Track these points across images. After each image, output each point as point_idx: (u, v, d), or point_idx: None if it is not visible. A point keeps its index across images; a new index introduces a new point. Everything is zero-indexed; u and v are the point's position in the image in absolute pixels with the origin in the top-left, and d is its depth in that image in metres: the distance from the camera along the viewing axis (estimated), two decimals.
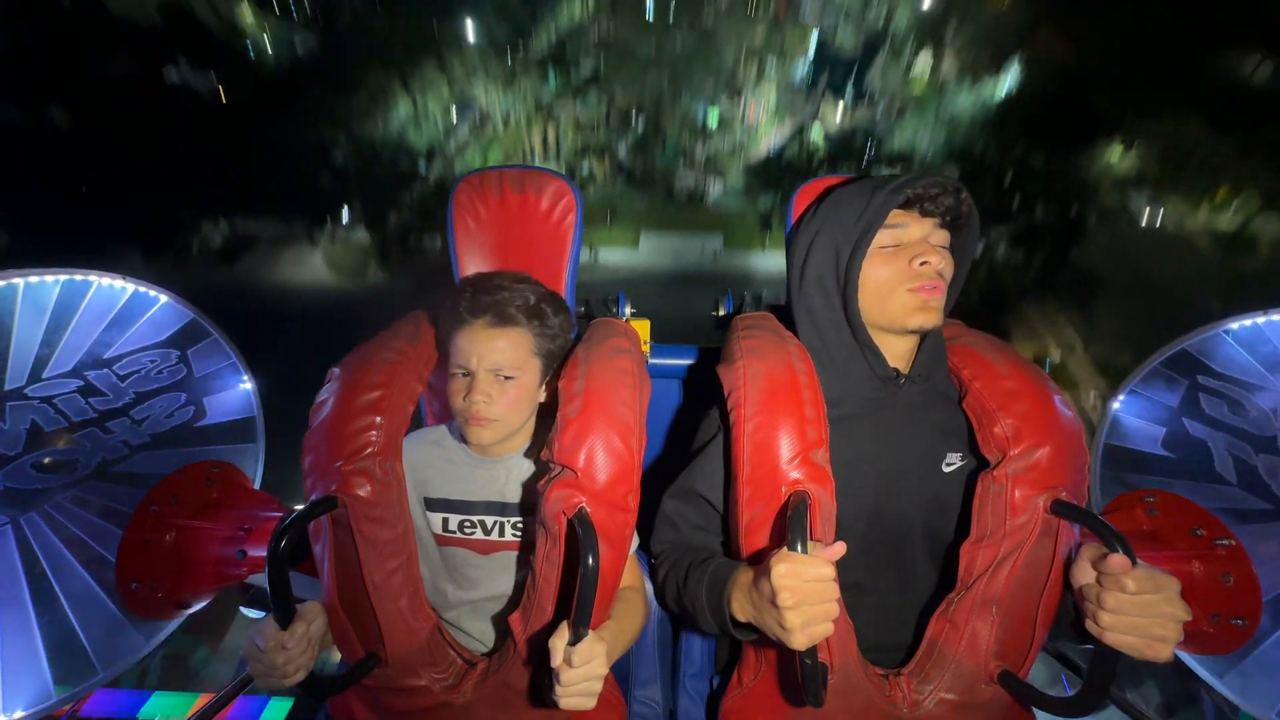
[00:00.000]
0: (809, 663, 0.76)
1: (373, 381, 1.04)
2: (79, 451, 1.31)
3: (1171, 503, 1.18)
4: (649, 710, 1.24)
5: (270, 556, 0.83)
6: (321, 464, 0.98)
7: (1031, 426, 0.95)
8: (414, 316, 1.23)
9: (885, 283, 1.01)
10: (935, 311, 1.01)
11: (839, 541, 0.80)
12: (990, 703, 0.95)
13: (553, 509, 0.91)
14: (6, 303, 1.33)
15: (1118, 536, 0.79)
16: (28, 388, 1.31)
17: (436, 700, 1.02)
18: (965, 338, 1.14)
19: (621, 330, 1.17)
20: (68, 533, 1.23)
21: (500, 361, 1.03)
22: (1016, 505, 0.92)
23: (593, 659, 0.81)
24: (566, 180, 1.40)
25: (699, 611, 0.95)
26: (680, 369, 1.62)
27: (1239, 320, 1.50)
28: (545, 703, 1.00)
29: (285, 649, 0.85)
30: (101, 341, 1.43)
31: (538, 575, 0.96)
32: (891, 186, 0.99)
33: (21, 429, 1.27)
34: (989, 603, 0.93)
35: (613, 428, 0.95)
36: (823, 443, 0.94)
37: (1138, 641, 0.77)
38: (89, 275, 1.45)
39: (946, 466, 1.05)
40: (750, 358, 1.02)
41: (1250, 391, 1.41)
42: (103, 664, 1.18)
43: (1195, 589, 1.07)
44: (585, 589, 0.82)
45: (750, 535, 0.95)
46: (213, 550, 1.18)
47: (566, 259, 1.39)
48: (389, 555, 0.99)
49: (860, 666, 0.95)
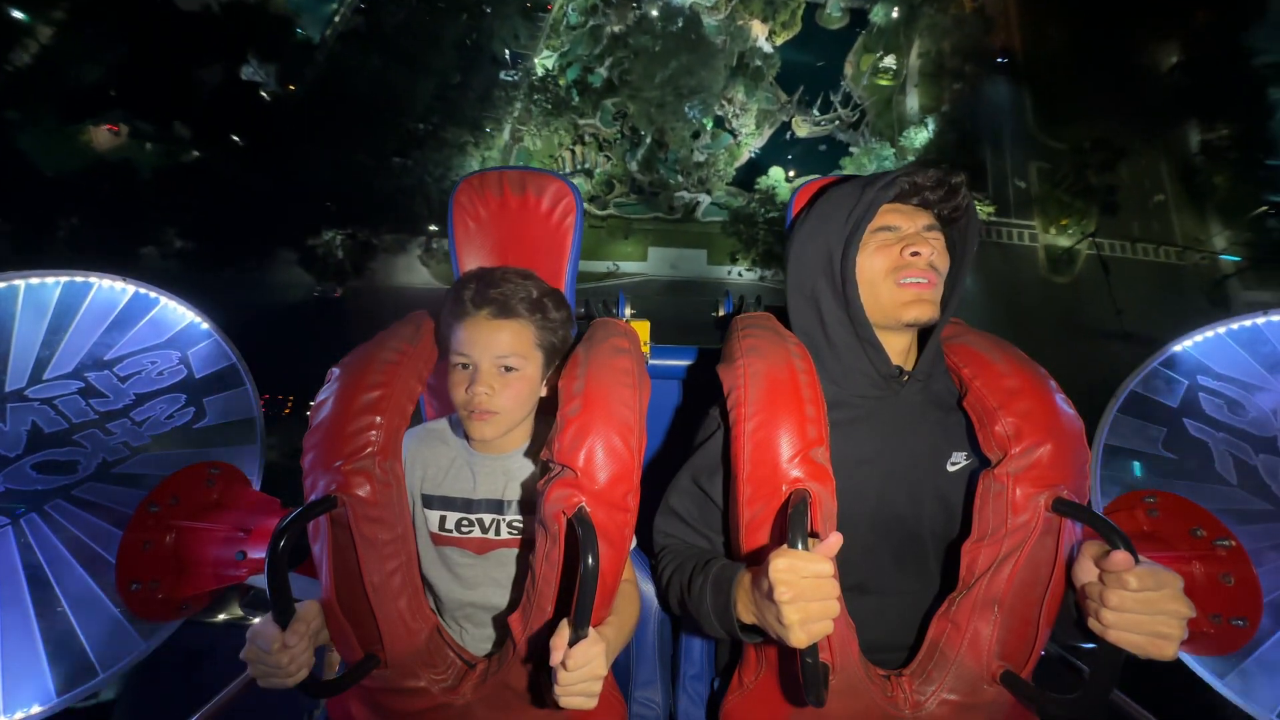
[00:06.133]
0: (810, 662, 0.76)
1: (373, 381, 1.04)
2: (79, 452, 1.31)
3: (1172, 503, 1.17)
4: (649, 711, 1.24)
5: (270, 556, 0.83)
6: (321, 463, 0.98)
7: (1032, 425, 0.94)
8: (414, 317, 1.23)
9: (877, 273, 1.02)
10: (929, 304, 1.01)
11: (836, 533, 0.80)
12: (992, 703, 0.95)
13: (552, 508, 0.91)
14: (7, 304, 1.33)
15: (1119, 534, 0.79)
16: (28, 389, 1.31)
17: (436, 701, 1.02)
18: (965, 337, 1.14)
19: (621, 330, 1.17)
20: (68, 533, 1.23)
21: (503, 351, 1.03)
22: (1018, 504, 0.91)
23: (592, 659, 0.81)
24: (566, 181, 1.41)
25: (703, 616, 0.95)
26: (680, 369, 1.62)
27: (1239, 321, 1.50)
28: (545, 703, 1.00)
29: (288, 648, 0.85)
30: (102, 343, 1.43)
31: (537, 575, 0.96)
32: (883, 182, 0.99)
33: (22, 430, 1.27)
34: (991, 602, 0.93)
35: (613, 428, 0.95)
36: (823, 441, 0.93)
37: (1141, 639, 0.77)
38: (89, 277, 1.45)
39: (951, 466, 1.05)
40: (750, 357, 1.02)
41: (1250, 392, 1.41)
42: (103, 665, 1.17)
43: (1196, 590, 1.07)
44: (585, 589, 0.82)
45: (751, 534, 0.95)
46: (212, 551, 1.18)
47: (566, 259, 1.39)
48: (388, 556, 0.99)
49: (861, 667, 0.95)
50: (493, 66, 23.44)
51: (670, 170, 22.62)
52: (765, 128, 24.15)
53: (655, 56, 22.28)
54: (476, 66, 22.98)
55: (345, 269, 20.95)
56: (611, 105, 22.97)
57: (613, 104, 22.94)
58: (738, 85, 23.59)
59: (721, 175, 23.18)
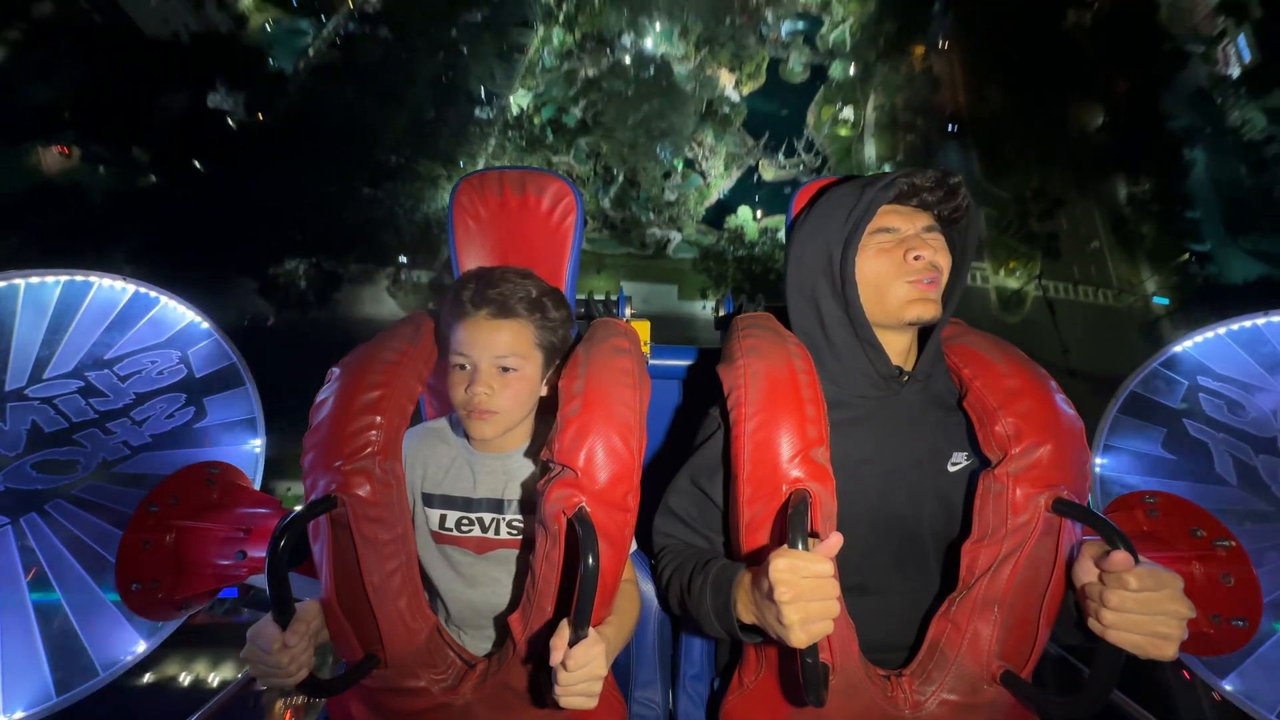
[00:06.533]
0: (810, 662, 0.76)
1: (373, 381, 1.04)
2: (79, 452, 1.31)
3: (1172, 504, 1.17)
4: (649, 711, 1.23)
5: (270, 556, 0.83)
6: (321, 463, 0.97)
7: (1032, 425, 0.94)
8: (414, 317, 1.23)
9: (882, 275, 1.01)
10: (933, 304, 1.01)
11: (836, 534, 0.80)
12: (992, 703, 0.95)
13: (553, 508, 0.91)
14: (8, 303, 1.34)
15: (1119, 534, 0.78)
16: (28, 388, 1.31)
17: (436, 701, 1.02)
18: (965, 337, 1.14)
19: (622, 330, 1.17)
20: (68, 533, 1.23)
21: (503, 351, 1.03)
22: (1018, 504, 0.91)
23: (592, 659, 0.80)
24: (566, 181, 1.41)
25: (704, 616, 0.95)
26: (680, 369, 1.62)
27: (1239, 321, 1.50)
28: (545, 703, 1.00)
29: (288, 648, 0.85)
30: (102, 342, 1.43)
31: (537, 575, 0.96)
32: (882, 183, 0.99)
33: (22, 429, 1.27)
34: (991, 602, 0.93)
35: (613, 428, 0.95)
36: (823, 441, 0.93)
37: (1141, 639, 0.77)
38: (89, 276, 1.45)
39: (952, 466, 1.05)
40: (750, 357, 1.02)
41: (1250, 392, 1.41)
42: (103, 664, 1.17)
43: (1196, 590, 1.07)
44: (585, 589, 0.82)
45: (751, 534, 0.95)
46: (212, 551, 1.18)
47: (566, 259, 1.39)
48: (388, 556, 0.99)
49: (862, 667, 0.95)
50: (468, 103, 23.88)
51: (642, 208, 23.59)
52: (734, 170, 25.36)
53: (628, 100, 23.42)
54: (451, 102, 23.24)
55: (308, 299, 20.30)
56: (585, 144, 23.86)
57: (586, 143, 23.83)
58: (707, 129, 24.94)
59: (692, 214, 24.13)
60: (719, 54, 26.15)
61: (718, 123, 24.81)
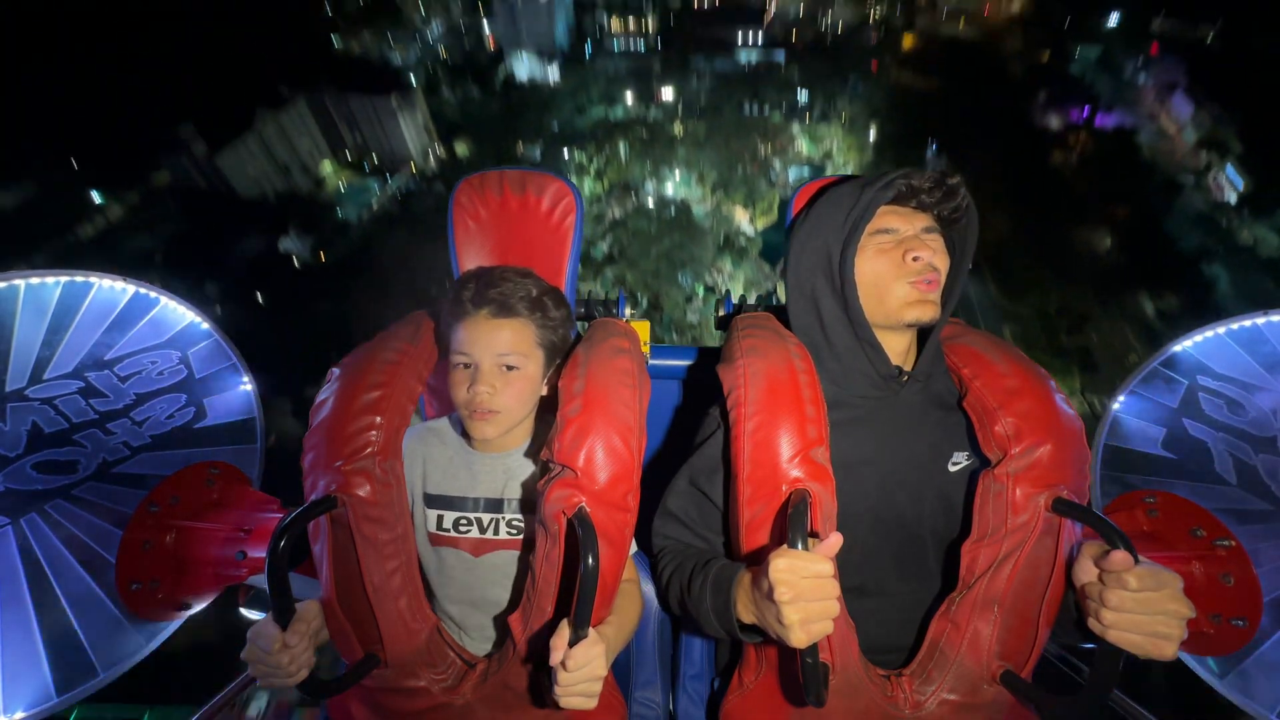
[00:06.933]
0: (810, 662, 0.76)
1: (373, 381, 1.04)
2: (80, 452, 1.31)
3: (1171, 503, 1.17)
4: (649, 711, 1.23)
5: (270, 556, 0.83)
6: (321, 463, 0.98)
7: (1032, 425, 0.94)
8: (414, 317, 1.23)
9: (881, 276, 1.02)
10: (932, 305, 1.01)
11: (836, 534, 0.79)
12: (992, 703, 0.95)
13: (552, 509, 0.91)
14: (7, 304, 1.34)
15: (1119, 533, 0.78)
16: (28, 389, 1.31)
17: (436, 701, 1.02)
18: (965, 337, 1.14)
19: (621, 330, 1.17)
20: (67, 533, 1.23)
21: (504, 350, 1.03)
22: (1017, 504, 0.91)
23: (592, 659, 0.80)
24: (566, 181, 1.41)
25: (703, 616, 0.95)
26: (680, 369, 1.62)
27: (1239, 321, 1.50)
28: (545, 703, 1.00)
29: (288, 648, 0.85)
30: (102, 343, 1.43)
31: (537, 575, 0.96)
32: (882, 183, 0.99)
33: (22, 430, 1.27)
34: (990, 602, 0.93)
35: (613, 428, 0.95)
36: (823, 441, 0.93)
37: (1141, 639, 0.77)
38: (90, 276, 1.45)
39: (952, 466, 1.05)
40: (750, 357, 1.02)
41: (1250, 392, 1.41)
42: (103, 665, 1.17)
43: (1196, 590, 1.07)
44: (585, 589, 0.82)
45: (751, 534, 0.95)
46: (212, 551, 1.18)
47: (566, 259, 1.39)
48: (388, 556, 0.99)
49: (862, 667, 0.95)
50: None
51: (665, 329, 25.31)
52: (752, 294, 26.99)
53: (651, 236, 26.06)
54: None
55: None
56: (611, 273, 26.09)
57: (612, 272, 26.06)
58: (725, 258, 27.20)
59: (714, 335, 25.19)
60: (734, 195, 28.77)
61: (735, 252, 27.20)
